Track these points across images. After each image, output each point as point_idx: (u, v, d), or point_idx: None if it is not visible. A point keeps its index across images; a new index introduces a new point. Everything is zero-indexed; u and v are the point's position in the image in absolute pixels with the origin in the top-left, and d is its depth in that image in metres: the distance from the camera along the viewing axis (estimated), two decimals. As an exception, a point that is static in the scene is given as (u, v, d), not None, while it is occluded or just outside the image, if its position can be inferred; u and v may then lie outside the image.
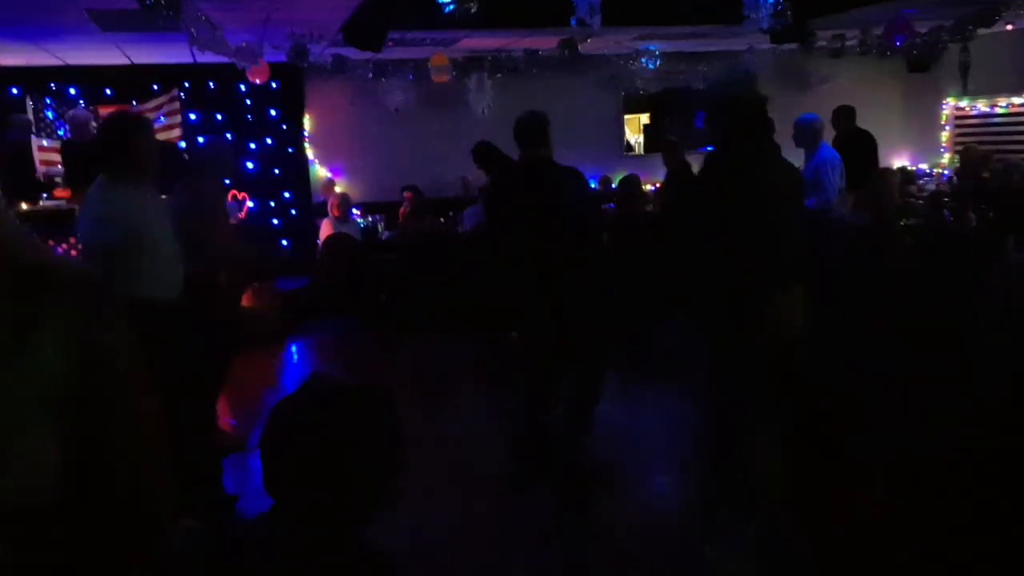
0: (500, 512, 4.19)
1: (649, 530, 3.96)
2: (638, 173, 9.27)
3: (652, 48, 9.82)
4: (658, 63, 9.97)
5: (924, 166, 11.79)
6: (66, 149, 8.32)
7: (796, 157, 5.32)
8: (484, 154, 7.62)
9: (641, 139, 12.09)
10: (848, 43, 9.90)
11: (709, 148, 10.95)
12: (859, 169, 7.15)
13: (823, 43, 9.80)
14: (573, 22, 6.71)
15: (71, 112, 8.77)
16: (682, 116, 11.36)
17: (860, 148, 7.93)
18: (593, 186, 10.85)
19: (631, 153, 11.88)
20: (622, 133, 11.83)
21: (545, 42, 9.18)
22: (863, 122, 8.35)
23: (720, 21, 7.92)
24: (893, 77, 11.68)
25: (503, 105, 10.52)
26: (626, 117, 11.84)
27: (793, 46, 9.25)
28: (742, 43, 9.99)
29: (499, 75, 10.18)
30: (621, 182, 9.22)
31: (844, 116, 8.27)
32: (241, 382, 6.62)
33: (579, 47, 9.01)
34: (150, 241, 3.76)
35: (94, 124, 8.98)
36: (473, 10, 6.52)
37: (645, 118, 11.98)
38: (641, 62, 9.87)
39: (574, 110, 10.97)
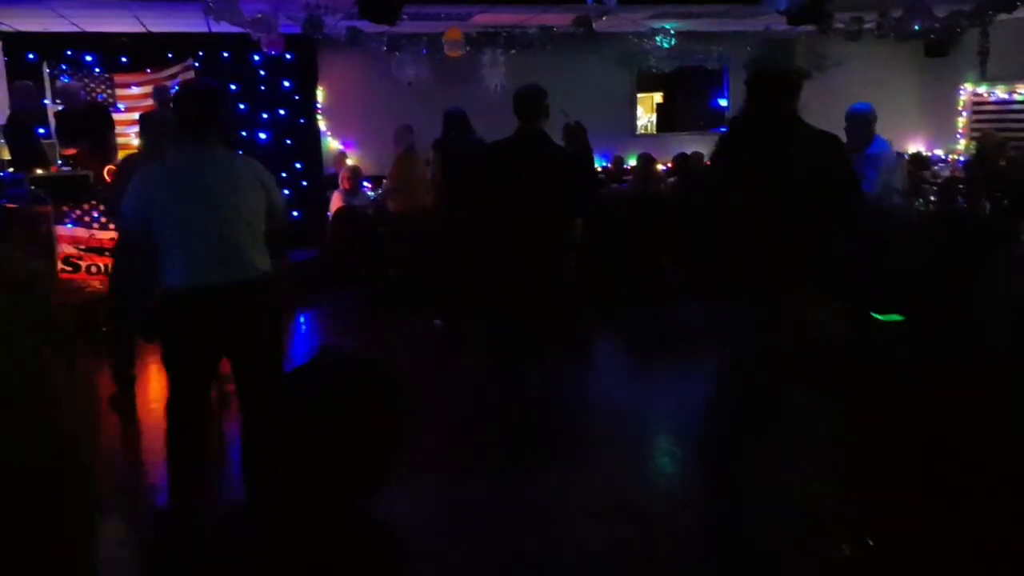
0: (494, 491, 4.24)
1: (646, 509, 4.01)
2: (651, 152, 9.25)
3: (667, 27, 9.76)
4: (673, 42, 9.91)
5: (939, 152, 11.71)
6: (59, 118, 8.41)
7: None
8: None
9: (654, 118, 12.05)
10: (866, 26, 9.81)
11: (722, 129, 10.92)
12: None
13: (840, 25, 9.71)
14: (590, 0, 6.69)
15: (61, 84, 8.82)
16: (695, 96, 11.31)
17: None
18: (605, 165, 10.85)
19: (644, 132, 11.84)
20: (635, 112, 11.79)
21: (560, 19, 9.14)
22: (880, 107, 8.28)
23: (737, 1, 7.87)
24: (910, 61, 11.58)
25: (516, 81, 10.51)
26: (639, 96, 11.79)
27: (810, 28, 9.18)
28: (758, 24, 9.91)
29: (513, 51, 10.14)
30: (638, 160, 9.23)
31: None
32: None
33: (594, 25, 8.96)
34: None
35: (83, 93, 9.04)
36: (488, -15, 6.50)
37: (659, 97, 11.93)
38: (656, 41, 9.82)
39: (587, 88, 10.94)
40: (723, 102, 11.77)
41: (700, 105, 11.80)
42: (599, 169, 10.65)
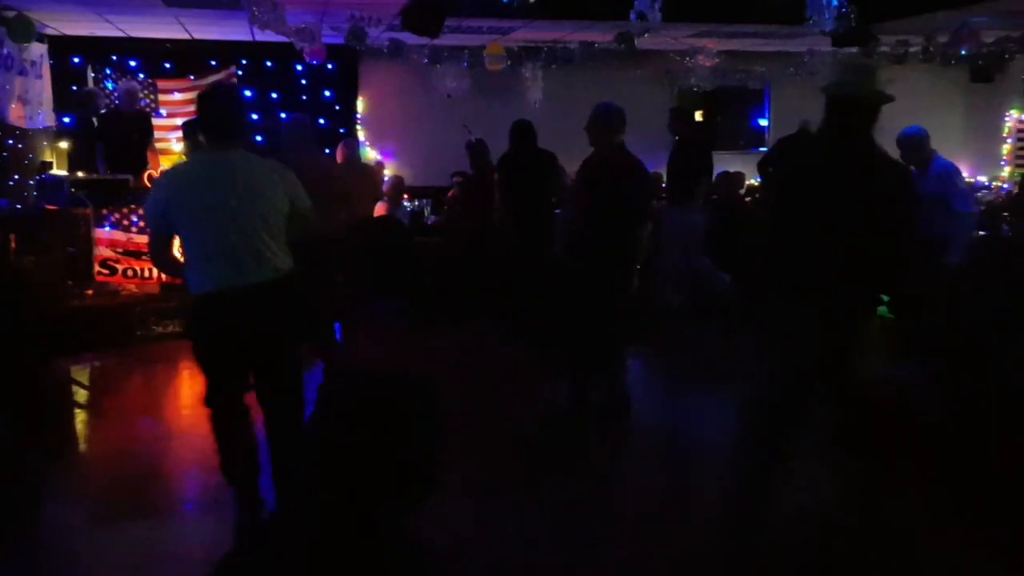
0: (533, 506, 4.17)
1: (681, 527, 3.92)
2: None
3: (710, 45, 9.70)
4: (715, 60, 9.84)
5: (983, 178, 11.50)
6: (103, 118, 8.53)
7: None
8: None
9: (694, 136, 11.97)
10: (911, 50, 9.68)
11: (761, 149, 10.79)
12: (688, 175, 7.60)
13: (885, 48, 9.59)
14: (633, 16, 6.65)
15: (124, 84, 8.90)
16: (736, 115, 11.23)
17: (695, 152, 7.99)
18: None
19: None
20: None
21: (601, 35, 9.11)
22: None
23: (782, 21, 7.79)
24: (955, 86, 11.40)
25: (555, 96, 10.49)
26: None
27: (854, 50, 9.07)
28: (802, 44, 9.82)
29: (553, 66, 10.13)
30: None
31: (682, 119, 8.24)
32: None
33: (636, 41, 8.92)
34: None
35: (141, 97, 9.15)
36: (532, 0, 6.49)
37: (698, 115, 11.84)
38: (697, 59, 9.75)
39: (626, 104, 10.79)
40: (763, 122, 11.66)
41: (740, 124, 11.72)
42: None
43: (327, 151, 10.10)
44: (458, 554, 3.55)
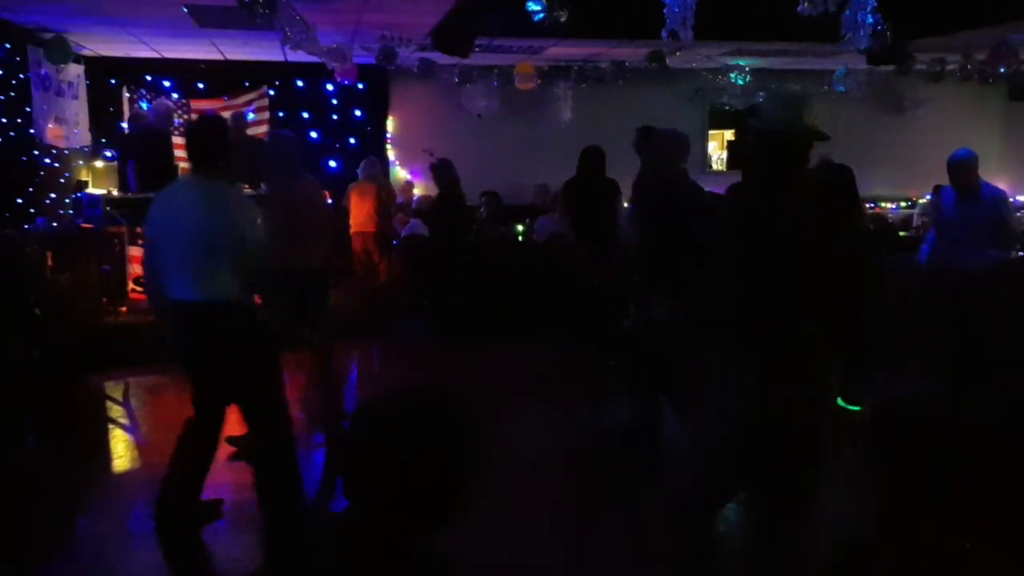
0: (568, 530, 4.10)
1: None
2: (721, 190, 9.07)
3: (742, 63, 9.64)
4: (748, 79, 9.77)
5: (1023, 198, 11.29)
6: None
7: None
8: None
9: (725, 155, 11.88)
10: (948, 67, 9.55)
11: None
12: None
13: (922, 66, 9.47)
14: (664, 34, 6.59)
15: (160, 101, 8.99)
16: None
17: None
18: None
19: (714, 169, 11.67)
20: (706, 148, 11.64)
21: (633, 53, 9.08)
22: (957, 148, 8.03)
23: (816, 39, 7.71)
24: (993, 105, 11.23)
25: (585, 115, 10.47)
26: (710, 132, 11.64)
27: (890, 68, 8.96)
28: (836, 62, 9.73)
29: (583, 85, 10.11)
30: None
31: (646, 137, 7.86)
32: (314, 377, 6.69)
33: (667, 60, 8.88)
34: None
35: (175, 116, 9.24)
36: (563, 19, 6.46)
37: (730, 134, 11.77)
38: (730, 77, 9.69)
39: (657, 123, 10.74)
40: (796, 141, 11.55)
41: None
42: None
43: (358, 171, 10.21)
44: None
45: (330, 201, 7.30)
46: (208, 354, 3.80)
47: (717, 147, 11.89)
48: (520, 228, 9.57)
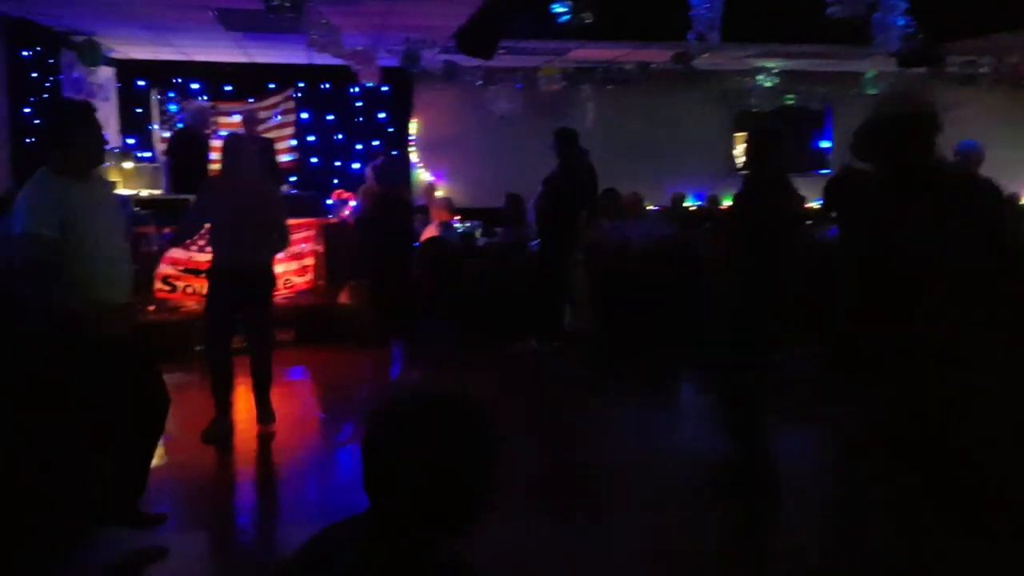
0: (592, 532, 4.08)
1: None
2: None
3: (770, 65, 9.57)
4: (775, 81, 9.70)
5: (1055, 201, 11.13)
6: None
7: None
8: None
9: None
10: (980, 70, 9.43)
11: (823, 172, 10.56)
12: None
13: (954, 69, 9.36)
14: (691, 37, 6.56)
15: (197, 103, 9.09)
16: (796, 136, 11.03)
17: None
18: (699, 204, 10.67)
19: (742, 172, 11.60)
20: (731, 151, 11.57)
21: (658, 55, 9.04)
22: (992, 155, 7.91)
23: (846, 41, 7.64)
24: (1026, 107, 11.08)
25: (611, 117, 10.45)
26: (736, 135, 11.57)
27: (921, 70, 8.86)
28: (865, 65, 9.64)
29: (608, 87, 10.09)
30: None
31: (565, 139, 7.71)
32: (336, 379, 6.72)
33: (694, 62, 8.84)
34: (87, 240, 3.43)
35: (212, 118, 9.32)
36: (589, 21, 6.45)
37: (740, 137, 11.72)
38: (757, 80, 9.62)
39: (683, 125, 10.80)
40: (825, 144, 11.46)
41: (801, 146, 11.52)
42: (692, 207, 10.48)
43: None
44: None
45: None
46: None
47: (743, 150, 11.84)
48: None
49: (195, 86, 10.06)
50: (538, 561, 3.78)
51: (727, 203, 10.00)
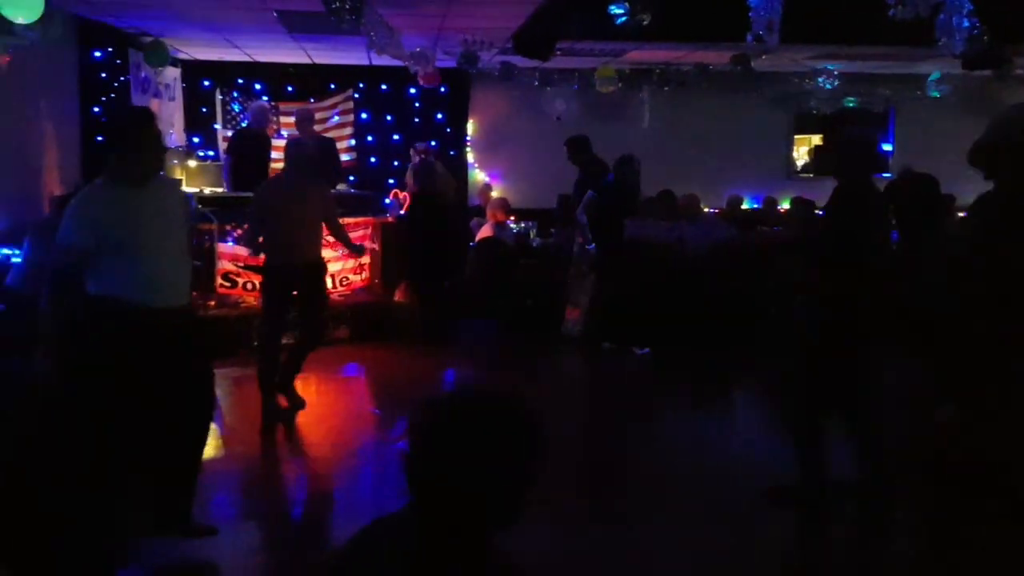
0: (633, 535, 4.08)
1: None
2: (806, 195, 8.90)
3: (831, 67, 9.42)
4: (836, 83, 9.54)
5: None
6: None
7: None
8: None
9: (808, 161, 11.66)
10: (1050, 72, 9.15)
11: (885, 175, 10.30)
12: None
13: (1020, 71, 9.10)
14: (749, 38, 6.50)
15: (257, 102, 9.27)
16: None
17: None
18: (755, 206, 10.56)
19: (801, 175, 11.44)
20: (791, 154, 11.42)
21: (717, 57, 8.96)
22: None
23: (909, 43, 7.48)
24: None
25: (667, 119, 10.39)
26: (796, 137, 11.42)
27: (986, 72, 8.63)
28: (929, 67, 9.43)
29: (665, 88, 10.03)
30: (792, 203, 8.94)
31: (578, 148, 7.98)
32: (389, 376, 6.81)
33: (753, 63, 8.74)
34: (132, 247, 3.42)
35: (273, 117, 9.51)
36: (646, 22, 6.43)
37: (817, 139, 11.53)
38: (817, 81, 9.48)
39: (741, 127, 10.69)
40: (887, 147, 11.23)
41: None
42: (748, 209, 10.38)
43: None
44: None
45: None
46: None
47: (805, 152, 11.66)
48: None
49: (258, 86, 10.27)
50: (585, 564, 3.80)
51: (785, 206, 9.89)
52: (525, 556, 1.56)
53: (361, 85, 10.33)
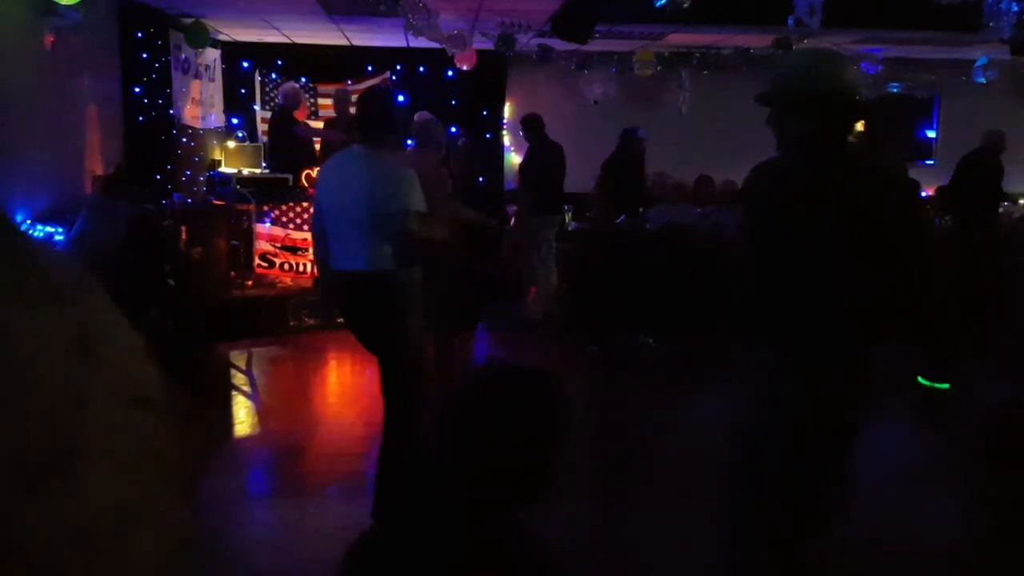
0: (657, 521, 4.09)
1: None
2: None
3: (875, 52, 9.25)
4: (880, 68, 9.37)
5: None
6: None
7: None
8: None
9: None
10: (1102, 57, 8.89)
11: (928, 162, 10.14)
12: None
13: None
14: (791, 22, 6.41)
15: (289, 83, 9.32)
16: (901, 126, 10.65)
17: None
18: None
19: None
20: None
21: (757, 40, 8.85)
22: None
23: (955, 28, 7.33)
24: None
25: (707, 103, 10.27)
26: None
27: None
28: (975, 52, 9.22)
29: (705, 72, 9.93)
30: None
31: (529, 127, 8.09)
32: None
33: (794, 47, 8.61)
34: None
35: (307, 98, 9.56)
36: (686, 5, 6.36)
37: (859, 125, 11.33)
38: (861, 67, 9.31)
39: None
40: (931, 133, 11.03)
41: (906, 135, 11.13)
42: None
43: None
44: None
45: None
46: (372, 322, 3.83)
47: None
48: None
49: (296, 68, 10.32)
50: (603, 543, 3.81)
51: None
52: (558, 536, 1.58)
53: (398, 67, 10.35)
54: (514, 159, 10.89)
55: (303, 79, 10.18)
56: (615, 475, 4.76)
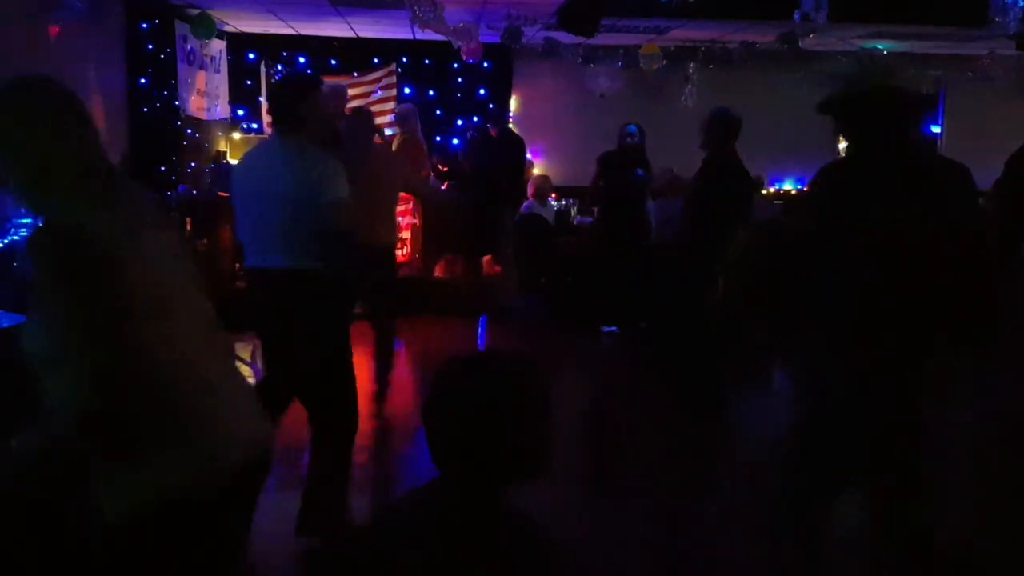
0: (656, 511, 4.11)
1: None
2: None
3: (880, 47, 9.22)
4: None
5: None
6: None
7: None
8: None
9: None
10: (1109, 53, 8.87)
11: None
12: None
13: (1079, 52, 8.83)
14: (797, 16, 6.42)
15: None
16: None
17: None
18: (802, 188, 10.43)
19: (844, 156, 11.26)
20: (838, 135, 11.22)
21: (763, 35, 8.83)
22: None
23: (961, 22, 7.31)
24: None
25: (712, 97, 10.24)
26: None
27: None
28: (981, 47, 9.19)
29: (711, 66, 9.91)
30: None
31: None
32: (427, 350, 6.88)
33: (800, 43, 8.60)
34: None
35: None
36: (691, -1, 6.37)
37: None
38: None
39: (787, 108, 10.48)
40: (936, 128, 11.00)
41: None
42: (794, 191, 10.25)
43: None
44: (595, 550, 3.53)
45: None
46: (286, 324, 3.56)
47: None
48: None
49: (302, 60, 10.33)
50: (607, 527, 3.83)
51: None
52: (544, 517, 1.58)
53: (404, 60, 10.34)
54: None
55: (308, 71, 10.18)
56: (630, 463, 4.77)
